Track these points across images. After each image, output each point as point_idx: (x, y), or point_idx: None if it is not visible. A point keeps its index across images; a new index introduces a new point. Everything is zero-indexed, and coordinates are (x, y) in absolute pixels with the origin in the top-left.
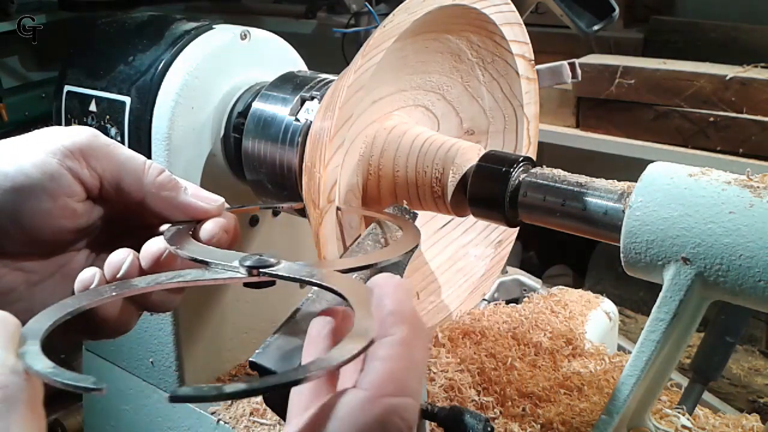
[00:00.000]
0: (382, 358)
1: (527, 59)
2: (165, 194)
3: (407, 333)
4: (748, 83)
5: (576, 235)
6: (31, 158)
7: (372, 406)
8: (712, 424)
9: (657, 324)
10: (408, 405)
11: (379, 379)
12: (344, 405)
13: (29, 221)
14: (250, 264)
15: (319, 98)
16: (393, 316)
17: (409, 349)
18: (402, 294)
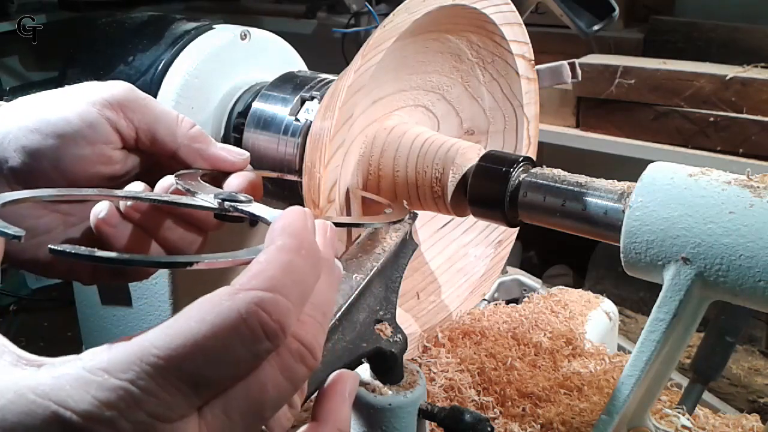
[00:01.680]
0: (257, 261)
1: (527, 59)
2: (196, 146)
3: (287, 242)
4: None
5: (576, 235)
6: (73, 107)
7: (232, 297)
8: (712, 424)
9: (657, 324)
10: (275, 300)
11: (247, 275)
12: (209, 298)
13: (68, 166)
14: (224, 197)
15: (319, 98)
16: (280, 230)
17: (286, 254)
18: (295, 214)
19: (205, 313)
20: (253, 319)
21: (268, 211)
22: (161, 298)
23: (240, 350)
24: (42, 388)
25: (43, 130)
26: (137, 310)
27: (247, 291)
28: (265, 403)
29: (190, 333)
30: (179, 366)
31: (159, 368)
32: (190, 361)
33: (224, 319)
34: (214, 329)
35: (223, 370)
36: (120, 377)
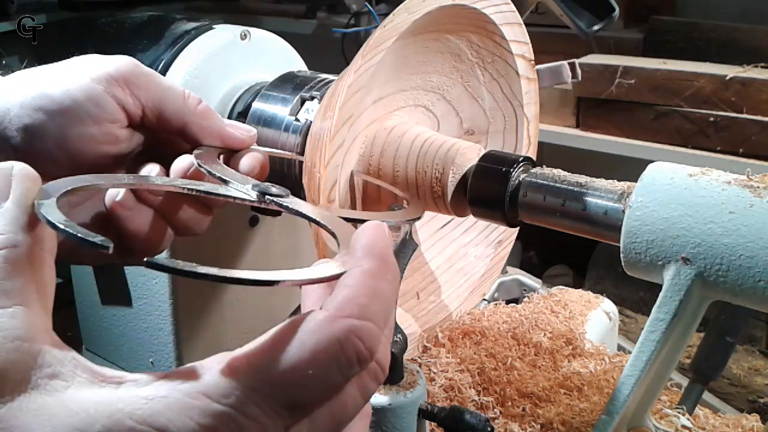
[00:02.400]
0: (347, 284)
1: (527, 59)
2: (204, 123)
3: (374, 265)
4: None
5: (576, 235)
6: (77, 83)
7: (330, 325)
8: (712, 424)
9: (657, 324)
10: (368, 328)
11: (340, 302)
12: (306, 322)
13: (73, 145)
14: (261, 190)
15: (319, 98)
16: (364, 249)
17: (374, 280)
18: (377, 232)
19: (306, 339)
20: (350, 347)
21: (307, 207)
22: (161, 298)
23: (335, 375)
24: (139, 413)
25: (47, 108)
26: (137, 310)
27: (344, 319)
28: (344, 421)
29: (291, 358)
30: (281, 390)
31: (261, 393)
32: (291, 385)
33: (325, 347)
34: (315, 355)
35: (317, 393)
36: (223, 402)
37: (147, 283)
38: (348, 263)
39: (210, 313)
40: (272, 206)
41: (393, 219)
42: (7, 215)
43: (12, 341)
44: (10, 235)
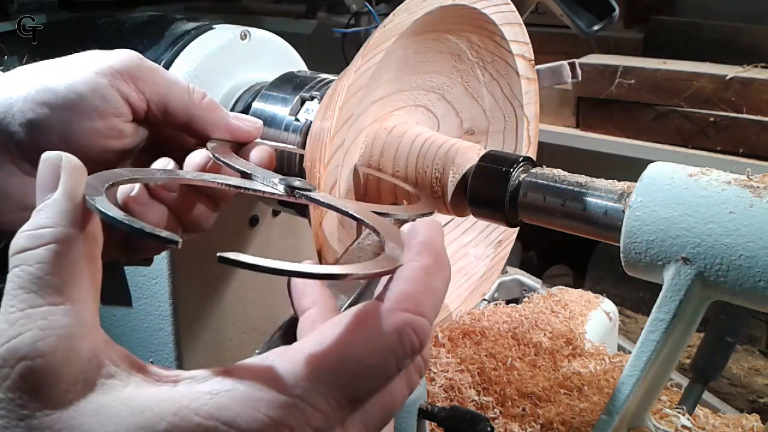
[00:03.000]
0: (404, 278)
1: (527, 59)
2: (210, 116)
3: (431, 262)
4: (748, 83)
5: (576, 235)
6: (82, 77)
7: (390, 316)
8: (712, 424)
9: (657, 324)
10: (422, 323)
11: (398, 295)
12: (366, 314)
13: (78, 140)
14: (288, 184)
15: (319, 98)
16: (421, 245)
17: (430, 276)
18: (433, 229)
19: (367, 330)
20: (406, 339)
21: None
22: (161, 298)
23: (392, 366)
24: (206, 409)
25: (51, 102)
26: (137, 310)
27: (402, 312)
28: (392, 413)
29: (354, 348)
30: (344, 380)
31: (327, 383)
32: (354, 375)
33: (386, 338)
34: (377, 346)
35: (375, 383)
36: (290, 393)
37: (147, 283)
38: (405, 257)
39: (210, 313)
40: (301, 200)
41: (410, 213)
42: (57, 207)
43: (65, 340)
44: (60, 228)
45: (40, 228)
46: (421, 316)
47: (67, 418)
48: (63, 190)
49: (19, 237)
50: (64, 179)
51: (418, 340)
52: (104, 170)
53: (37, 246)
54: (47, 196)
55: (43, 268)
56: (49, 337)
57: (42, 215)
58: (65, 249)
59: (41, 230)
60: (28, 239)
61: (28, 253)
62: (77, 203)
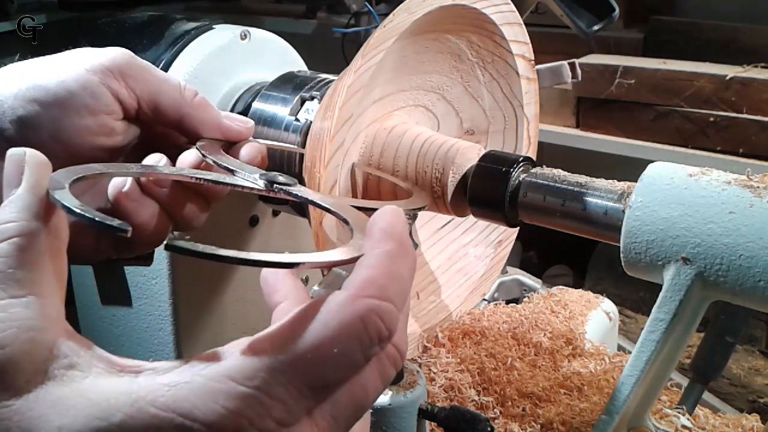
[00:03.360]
0: (367, 265)
1: (527, 59)
2: (202, 115)
3: (393, 247)
4: (748, 83)
5: (576, 235)
6: (72, 74)
7: (353, 304)
8: (712, 424)
9: (657, 324)
10: (388, 309)
11: (360, 282)
12: (328, 302)
13: (69, 137)
14: (269, 179)
15: (319, 98)
16: (382, 232)
17: (392, 261)
18: (393, 216)
19: (329, 318)
20: (371, 325)
21: (316, 195)
22: (161, 298)
23: (357, 354)
24: (162, 400)
25: (42, 99)
26: (137, 310)
27: (365, 298)
28: (364, 406)
29: (315, 336)
30: (305, 369)
31: (286, 373)
32: (315, 364)
33: (347, 325)
34: (339, 333)
35: (340, 372)
36: (248, 384)
37: (147, 283)
38: (366, 246)
39: (210, 313)
40: (281, 195)
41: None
42: (20, 202)
43: (26, 332)
44: (23, 223)
45: (4, 223)
46: (387, 302)
47: (25, 409)
48: (26, 185)
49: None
50: (27, 174)
51: (385, 326)
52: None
53: (1, 240)
54: (12, 191)
55: (5, 262)
56: (10, 329)
57: (6, 210)
58: (27, 243)
59: (5, 225)
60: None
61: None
62: (40, 197)
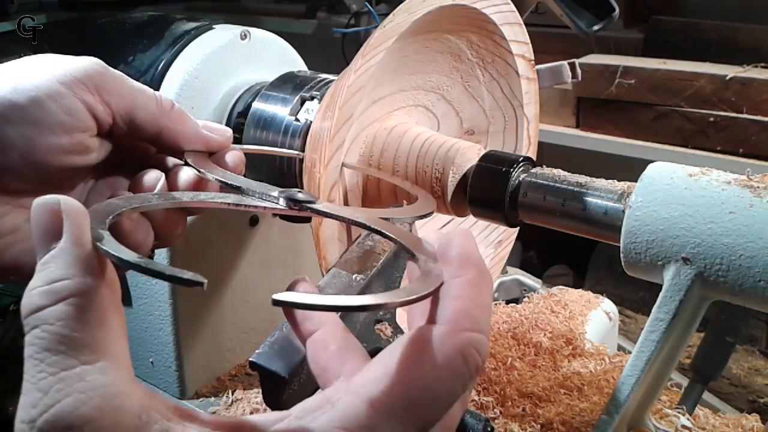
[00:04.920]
0: (455, 296)
1: (527, 59)
2: (181, 127)
3: (475, 275)
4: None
5: (576, 235)
6: (44, 88)
7: (453, 339)
8: (712, 424)
9: (657, 324)
10: (482, 340)
11: (455, 315)
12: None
13: (41, 157)
14: (289, 196)
15: (319, 98)
16: (461, 258)
17: (478, 290)
18: (467, 240)
19: (434, 357)
20: (471, 361)
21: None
22: (161, 298)
23: (459, 389)
24: None
25: (12, 117)
26: (137, 310)
27: (463, 332)
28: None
29: (422, 378)
30: (416, 411)
31: (399, 418)
32: (425, 405)
33: (452, 363)
34: (445, 373)
35: (443, 409)
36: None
37: (147, 283)
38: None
39: (210, 313)
40: (306, 213)
41: (411, 214)
42: (68, 256)
43: (110, 401)
44: (78, 279)
45: (53, 282)
46: (481, 333)
47: None
48: (70, 237)
49: (30, 295)
50: (69, 225)
51: (480, 358)
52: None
53: (55, 302)
54: (51, 245)
55: (68, 325)
56: (92, 399)
57: (51, 267)
58: (87, 301)
59: (55, 284)
60: (43, 296)
61: (46, 310)
62: (88, 249)
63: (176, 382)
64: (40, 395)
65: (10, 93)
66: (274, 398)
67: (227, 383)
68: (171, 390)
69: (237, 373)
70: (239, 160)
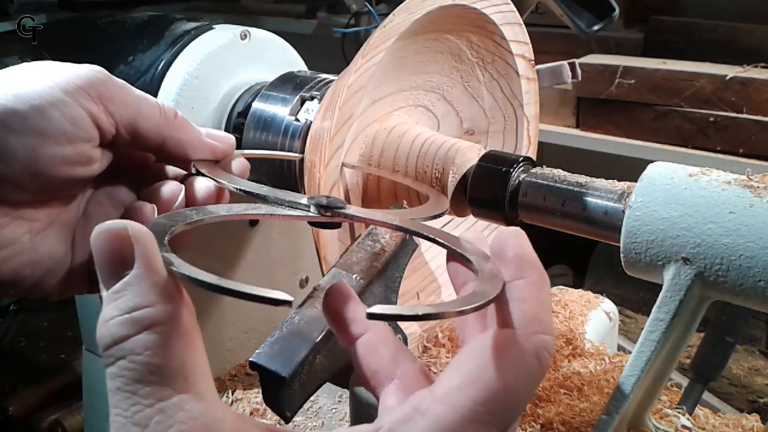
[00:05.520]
0: (522, 299)
1: (527, 59)
2: (185, 137)
3: (537, 277)
4: (748, 83)
5: (576, 235)
6: (46, 97)
7: (528, 342)
8: (712, 424)
9: (657, 324)
10: (551, 341)
11: (525, 318)
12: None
13: (45, 168)
14: (317, 203)
15: (319, 98)
16: (520, 259)
17: (540, 291)
18: (521, 240)
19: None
20: (544, 362)
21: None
22: None
23: (534, 390)
24: None
25: (14, 125)
26: None
27: (535, 335)
28: None
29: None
30: (502, 417)
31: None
32: (509, 410)
33: (530, 367)
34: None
35: (522, 409)
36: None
37: None
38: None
39: (210, 313)
40: (338, 219)
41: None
42: (145, 283)
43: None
44: (160, 307)
45: (133, 310)
46: (548, 335)
47: None
48: (143, 263)
49: (108, 326)
50: (141, 251)
51: (550, 360)
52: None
53: (139, 331)
54: (122, 273)
55: (157, 354)
56: (195, 429)
57: (128, 295)
58: (172, 327)
59: (136, 313)
60: (124, 326)
61: (131, 341)
62: (165, 274)
63: None
64: (137, 429)
65: (11, 101)
66: (274, 398)
67: (227, 383)
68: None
69: (237, 373)
70: (245, 168)
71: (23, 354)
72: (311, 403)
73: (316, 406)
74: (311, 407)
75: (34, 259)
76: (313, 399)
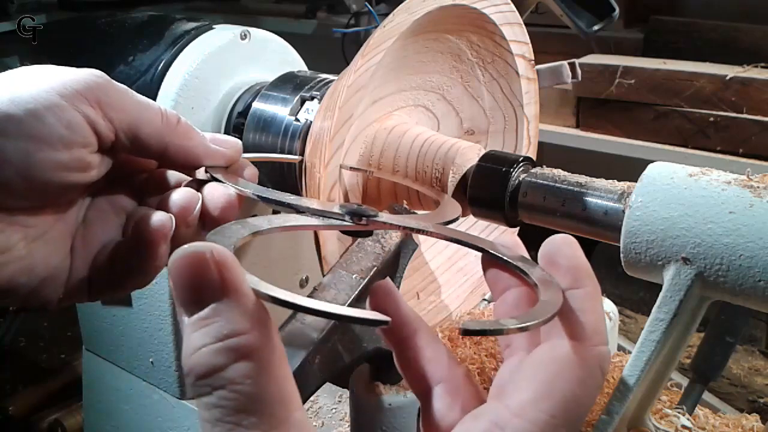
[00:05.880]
0: (583, 310)
1: (527, 59)
2: (189, 143)
3: (592, 288)
4: (748, 83)
5: (576, 235)
6: (42, 100)
7: (592, 354)
8: (712, 424)
9: (657, 324)
10: (609, 353)
11: (589, 331)
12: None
13: (40, 174)
14: (350, 211)
15: (319, 98)
16: (576, 270)
17: (596, 302)
18: (573, 248)
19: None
20: (604, 372)
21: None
22: (161, 298)
23: (596, 398)
24: None
25: (8, 130)
26: (137, 310)
27: (596, 347)
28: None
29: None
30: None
31: None
32: (578, 420)
33: (594, 377)
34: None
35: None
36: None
37: None
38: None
39: None
40: (373, 226)
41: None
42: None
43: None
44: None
45: (227, 338)
46: (606, 346)
47: None
48: (233, 288)
49: (200, 354)
50: (229, 276)
51: (607, 371)
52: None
53: (236, 359)
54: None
55: (258, 383)
56: None
57: (220, 322)
58: (269, 354)
59: (230, 341)
60: (219, 354)
61: (230, 369)
62: (253, 298)
63: (176, 382)
64: None
65: (6, 105)
66: None
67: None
68: (171, 390)
69: None
70: (254, 173)
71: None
72: (311, 403)
73: (316, 406)
74: (311, 407)
75: (30, 267)
76: (313, 399)
